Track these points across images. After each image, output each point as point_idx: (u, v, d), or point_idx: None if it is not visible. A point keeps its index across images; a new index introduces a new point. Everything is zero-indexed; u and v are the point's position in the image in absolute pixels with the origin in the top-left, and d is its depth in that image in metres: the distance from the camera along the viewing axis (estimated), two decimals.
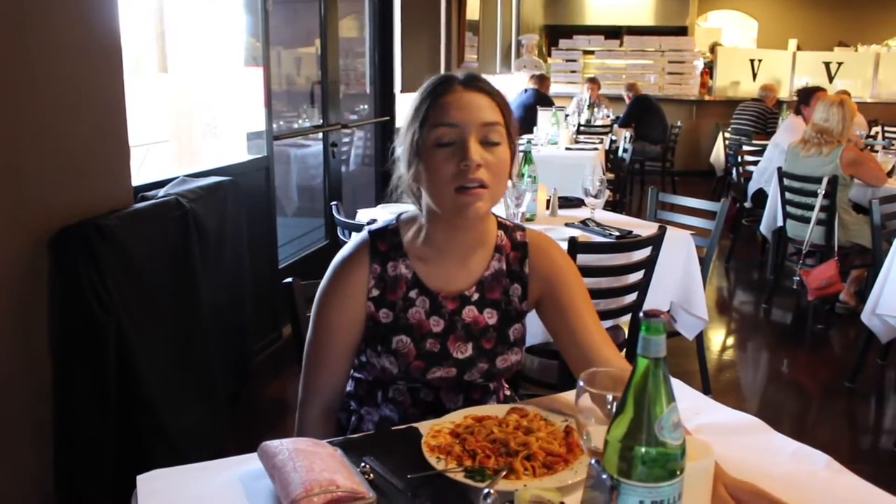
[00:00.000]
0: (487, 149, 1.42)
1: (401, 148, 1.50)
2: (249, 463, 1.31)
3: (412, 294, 1.51)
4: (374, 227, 1.56)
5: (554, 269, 1.58)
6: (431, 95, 1.45)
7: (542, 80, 8.96)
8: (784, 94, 11.07)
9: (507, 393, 1.73)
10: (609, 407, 1.02)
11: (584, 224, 3.20)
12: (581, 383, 1.06)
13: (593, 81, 10.12)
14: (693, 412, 1.46)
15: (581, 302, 1.55)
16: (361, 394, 1.63)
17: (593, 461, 0.96)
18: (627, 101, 9.77)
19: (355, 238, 1.56)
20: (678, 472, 0.91)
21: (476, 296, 1.54)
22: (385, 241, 1.53)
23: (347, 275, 1.52)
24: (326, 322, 1.52)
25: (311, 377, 1.55)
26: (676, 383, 1.16)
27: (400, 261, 1.52)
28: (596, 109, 9.23)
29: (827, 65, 11.64)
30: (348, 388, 1.65)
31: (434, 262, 1.52)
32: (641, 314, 0.89)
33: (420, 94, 1.48)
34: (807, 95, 5.86)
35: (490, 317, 1.54)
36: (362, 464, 1.22)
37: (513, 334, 1.56)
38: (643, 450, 0.90)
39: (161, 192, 2.85)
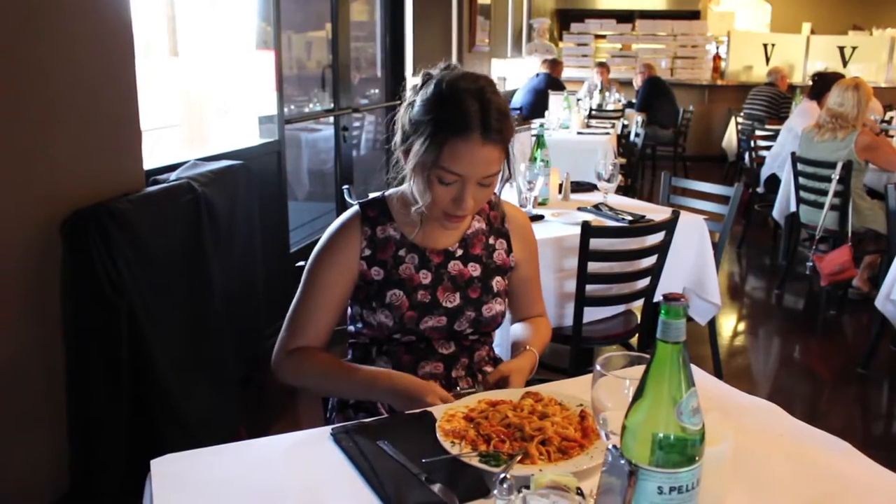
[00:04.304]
0: (481, 188, 1.53)
1: (404, 134, 1.57)
2: (262, 446, 1.32)
3: (401, 252, 1.64)
4: (362, 200, 1.71)
5: (528, 243, 1.79)
6: (449, 131, 1.46)
7: (555, 65, 8.89)
8: (798, 78, 10.96)
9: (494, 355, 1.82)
10: (626, 392, 1.01)
11: (596, 208, 3.18)
12: (598, 367, 1.05)
13: (603, 66, 10.05)
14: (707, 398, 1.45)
15: (535, 276, 1.82)
16: (358, 356, 1.74)
17: (611, 446, 0.96)
18: (640, 81, 9.68)
19: (347, 211, 1.70)
20: (697, 458, 0.90)
21: (460, 252, 1.68)
22: (374, 209, 1.67)
23: (342, 237, 1.65)
24: (320, 278, 1.63)
25: (293, 327, 1.62)
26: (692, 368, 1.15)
27: (388, 225, 1.65)
28: (607, 94, 9.17)
29: (841, 49, 11.51)
30: (348, 357, 1.76)
31: (419, 227, 1.65)
32: (661, 297, 0.88)
33: (437, 116, 1.48)
34: (828, 83, 5.75)
35: (474, 270, 1.68)
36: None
37: (496, 286, 1.70)
38: (662, 435, 0.89)
39: (173, 175, 2.85)
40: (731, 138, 8.97)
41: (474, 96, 1.49)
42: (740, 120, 8.36)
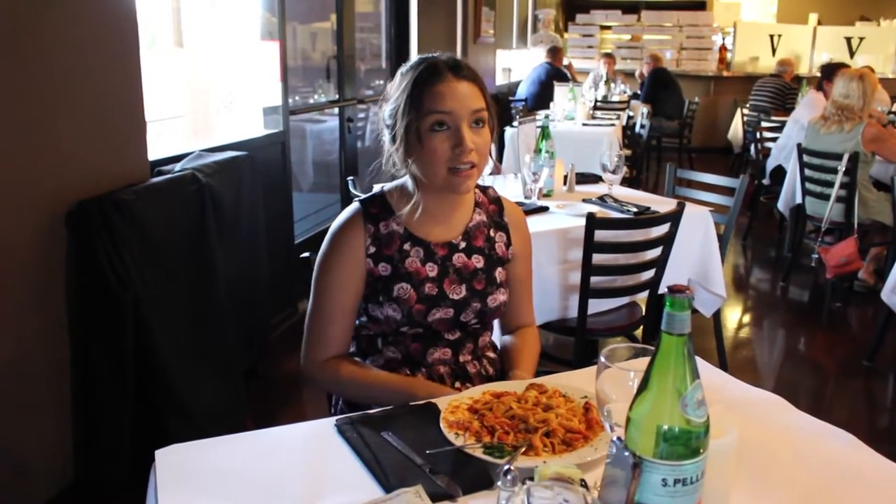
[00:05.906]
0: (476, 131, 1.57)
1: (388, 126, 1.63)
2: (266, 437, 1.32)
3: (406, 246, 1.65)
4: (362, 196, 1.72)
5: (524, 239, 1.81)
6: (423, 83, 1.57)
7: (555, 53, 8.82)
8: (804, 69, 10.91)
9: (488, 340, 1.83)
10: (631, 383, 1.00)
11: (601, 200, 3.17)
12: (602, 359, 1.04)
13: (609, 57, 10.02)
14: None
15: (528, 276, 1.84)
16: (364, 347, 1.74)
17: (615, 438, 0.95)
18: (646, 72, 9.63)
19: (348, 209, 1.70)
20: (701, 450, 0.90)
21: (463, 244, 1.70)
22: (375, 205, 1.67)
23: (346, 237, 1.65)
24: (330, 282, 1.64)
25: (316, 335, 1.66)
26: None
27: (391, 220, 1.66)
28: (613, 85, 9.13)
29: (848, 40, 11.44)
30: (351, 349, 1.75)
31: (422, 220, 1.66)
32: (666, 289, 0.88)
33: (410, 80, 1.59)
34: (830, 71, 5.75)
35: (478, 262, 1.70)
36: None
37: (498, 276, 1.73)
38: (666, 427, 0.89)
39: (177, 166, 2.85)
40: (736, 130, 8.93)
41: (437, 57, 1.62)
42: (746, 111, 8.33)
